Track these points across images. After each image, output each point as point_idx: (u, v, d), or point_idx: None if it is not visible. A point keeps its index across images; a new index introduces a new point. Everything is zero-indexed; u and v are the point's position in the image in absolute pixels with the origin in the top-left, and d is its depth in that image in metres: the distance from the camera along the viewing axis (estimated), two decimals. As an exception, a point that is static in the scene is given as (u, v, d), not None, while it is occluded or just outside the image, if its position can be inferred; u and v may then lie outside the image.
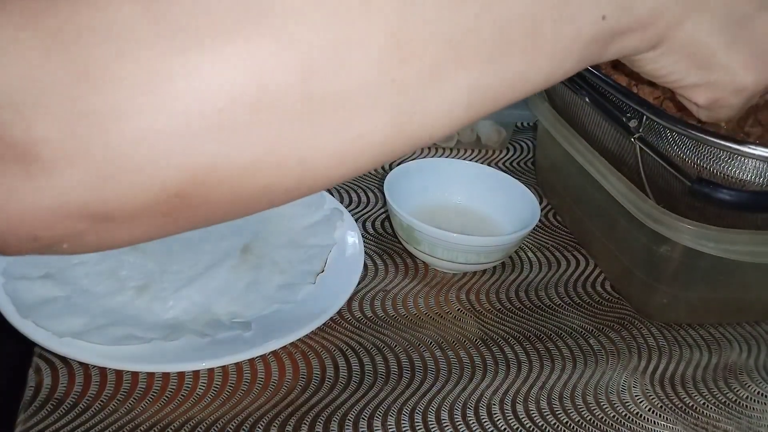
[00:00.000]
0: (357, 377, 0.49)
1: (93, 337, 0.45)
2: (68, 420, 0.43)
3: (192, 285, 0.52)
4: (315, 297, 0.54)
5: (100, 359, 0.45)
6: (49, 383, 0.45)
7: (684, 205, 0.52)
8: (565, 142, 0.65)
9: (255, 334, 0.49)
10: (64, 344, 0.45)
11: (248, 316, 0.51)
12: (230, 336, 0.48)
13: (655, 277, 0.57)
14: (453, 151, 0.84)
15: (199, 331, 0.48)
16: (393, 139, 0.24)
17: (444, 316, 0.57)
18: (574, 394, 0.51)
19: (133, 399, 0.45)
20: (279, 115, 0.22)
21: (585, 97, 0.58)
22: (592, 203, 0.65)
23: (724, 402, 0.52)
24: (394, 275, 0.61)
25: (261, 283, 0.54)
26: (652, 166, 0.53)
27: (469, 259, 0.59)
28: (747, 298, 0.60)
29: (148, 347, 0.46)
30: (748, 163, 0.47)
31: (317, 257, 0.58)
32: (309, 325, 0.50)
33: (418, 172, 0.67)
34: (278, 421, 0.45)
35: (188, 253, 0.55)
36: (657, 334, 0.58)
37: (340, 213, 0.62)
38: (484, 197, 0.68)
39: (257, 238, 0.59)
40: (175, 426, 0.44)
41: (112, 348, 0.45)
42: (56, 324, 0.46)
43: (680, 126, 0.48)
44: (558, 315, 0.59)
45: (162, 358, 0.46)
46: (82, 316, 0.47)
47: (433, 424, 0.47)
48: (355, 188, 0.74)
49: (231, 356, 0.47)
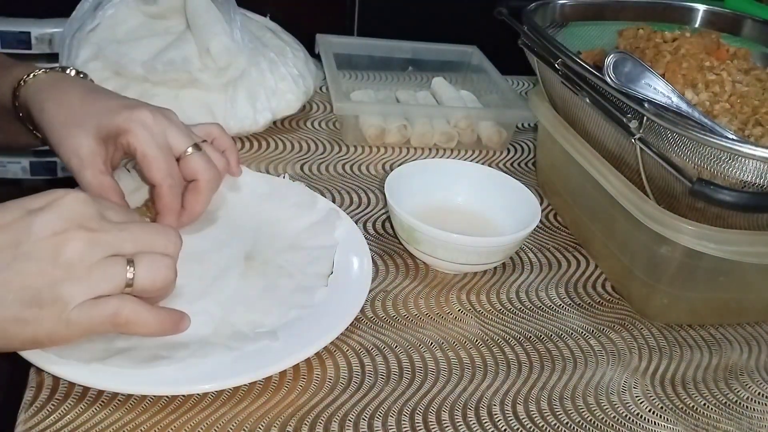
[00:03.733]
0: (357, 378, 0.50)
1: (119, 362, 0.44)
2: (68, 420, 0.43)
3: (205, 297, 0.51)
4: (331, 299, 0.54)
5: (138, 387, 0.44)
6: (50, 383, 0.45)
7: (684, 206, 0.52)
8: (566, 142, 0.65)
9: (283, 344, 0.48)
10: (98, 376, 0.43)
11: (269, 324, 0.50)
12: (258, 348, 0.48)
13: (656, 278, 0.57)
14: (454, 152, 0.84)
15: (225, 345, 0.47)
16: None
17: (444, 317, 0.57)
18: (575, 395, 0.51)
19: (134, 400, 0.45)
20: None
21: (585, 98, 0.58)
22: (593, 204, 0.65)
23: (725, 403, 0.52)
24: (394, 276, 0.61)
25: (273, 288, 0.54)
26: (652, 166, 0.53)
27: (469, 259, 0.59)
28: (747, 299, 0.60)
29: (180, 367, 0.45)
30: (748, 163, 0.47)
31: (323, 259, 0.58)
32: (335, 329, 0.50)
33: (418, 172, 0.67)
34: (279, 422, 0.45)
35: (193, 265, 0.54)
36: (657, 335, 0.58)
37: (337, 212, 0.62)
38: (484, 198, 0.68)
39: (258, 244, 0.58)
40: (175, 427, 0.44)
41: (143, 372, 0.44)
42: (77, 352, 0.44)
43: (681, 127, 0.48)
44: (558, 315, 0.59)
45: (198, 379, 0.45)
46: (99, 341, 0.46)
47: (434, 424, 0.47)
48: (356, 189, 0.74)
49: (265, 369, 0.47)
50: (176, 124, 0.55)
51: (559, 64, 0.62)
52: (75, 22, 0.80)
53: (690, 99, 0.58)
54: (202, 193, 0.55)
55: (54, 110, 0.53)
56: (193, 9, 0.77)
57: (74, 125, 0.52)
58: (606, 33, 0.75)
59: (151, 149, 0.52)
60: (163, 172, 0.52)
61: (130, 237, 0.42)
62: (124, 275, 0.40)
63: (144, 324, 0.42)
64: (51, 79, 0.56)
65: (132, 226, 0.43)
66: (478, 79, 0.98)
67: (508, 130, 0.85)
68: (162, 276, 0.42)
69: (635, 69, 0.53)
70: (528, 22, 0.67)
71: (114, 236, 0.41)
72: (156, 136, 0.52)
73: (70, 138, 0.52)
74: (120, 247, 0.41)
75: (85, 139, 0.51)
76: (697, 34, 0.69)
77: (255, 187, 0.64)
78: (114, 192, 0.52)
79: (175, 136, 0.54)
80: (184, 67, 0.74)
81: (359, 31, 1.71)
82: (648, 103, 0.51)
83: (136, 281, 0.41)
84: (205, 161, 0.55)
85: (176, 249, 0.44)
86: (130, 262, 0.41)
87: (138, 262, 0.41)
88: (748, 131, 0.56)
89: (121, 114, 0.52)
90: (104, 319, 0.40)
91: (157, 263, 0.42)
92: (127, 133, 0.52)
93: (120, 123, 0.52)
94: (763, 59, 0.71)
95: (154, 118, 0.53)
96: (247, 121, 0.78)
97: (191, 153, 0.54)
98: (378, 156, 0.81)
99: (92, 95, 0.55)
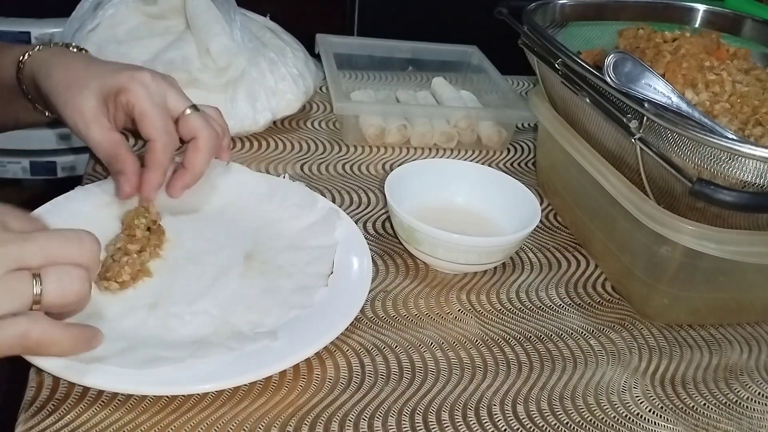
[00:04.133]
0: (357, 378, 0.49)
1: (120, 362, 0.44)
2: (68, 420, 0.43)
3: (204, 298, 0.51)
4: (331, 299, 0.53)
5: (137, 387, 0.44)
6: (50, 383, 0.45)
7: (684, 206, 0.52)
8: (566, 142, 0.65)
9: (283, 344, 0.48)
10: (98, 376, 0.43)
11: (269, 324, 0.50)
12: (258, 348, 0.48)
13: (656, 278, 0.57)
14: (454, 152, 0.84)
15: (225, 345, 0.47)
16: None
17: (444, 317, 0.57)
18: (575, 395, 0.51)
19: (134, 400, 0.45)
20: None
21: (585, 98, 0.58)
22: (593, 204, 0.65)
23: (725, 403, 0.52)
24: (394, 276, 0.61)
25: (272, 288, 0.54)
26: (652, 166, 0.53)
27: (469, 259, 0.59)
28: (747, 299, 0.60)
29: (180, 367, 0.45)
30: (748, 163, 0.47)
31: (323, 258, 0.58)
32: (335, 329, 0.50)
33: (418, 172, 0.67)
34: (279, 422, 0.45)
35: (191, 266, 0.54)
36: (657, 335, 0.58)
37: (337, 212, 0.62)
38: (484, 198, 0.68)
39: (257, 244, 0.58)
40: (175, 427, 0.44)
41: (143, 372, 0.44)
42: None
43: (681, 127, 0.48)
44: (558, 315, 0.59)
45: (198, 378, 0.45)
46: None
47: (434, 424, 0.47)
48: (356, 189, 0.74)
49: (265, 369, 0.47)
50: (176, 88, 0.57)
51: (559, 64, 0.62)
52: (75, 22, 0.80)
53: (690, 99, 0.58)
54: (202, 150, 0.56)
55: (61, 74, 0.55)
56: (192, 9, 0.77)
57: (78, 86, 0.54)
58: (606, 33, 0.75)
59: (148, 106, 0.53)
60: (158, 128, 0.53)
61: (36, 247, 0.38)
62: (30, 291, 0.37)
63: (57, 345, 0.39)
64: (56, 50, 0.59)
65: (38, 234, 0.39)
66: (478, 79, 0.98)
67: (508, 130, 0.85)
68: (74, 290, 0.39)
69: (635, 69, 0.53)
70: (528, 22, 0.67)
71: (17, 247, 0.37)
72: (154, 95, 0.54)
73: (73, 98, 0.53)
74: (25, 259, 0.37)
75: (87, 99, 0.53)
76: (697, 34, 0.69)
77: (255, 187, 0.64)
78: (123, 146, 0.54)
79: (174, 97, 0.56)
80: (184, 67, 0.74)
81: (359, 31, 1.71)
82: (648, 103, 0.51)
83: (44, 297, 0.37)
84: (204, 120, 0.56)
85: (91, 256, 0.40)
86: (36, 276, 0.37)
87: (45, 275, 0.38)
88: (748, 131, 0.56)
89: (123, 73, 0.54)
90: (12, 341, 0.37)
91: (68, 276, 0.38)
92: (126, 91, 0.53)
93: (121, 81, 0.53)
94: (763, 59, 0.71)
95: (153, 79, 0.55)
96: (247, 121, 0.78)
97: (190, 113, 0.56)
98: (378, 156, 0.81)
99: (97, 61, 0.58)
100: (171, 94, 0.55)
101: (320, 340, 0.49)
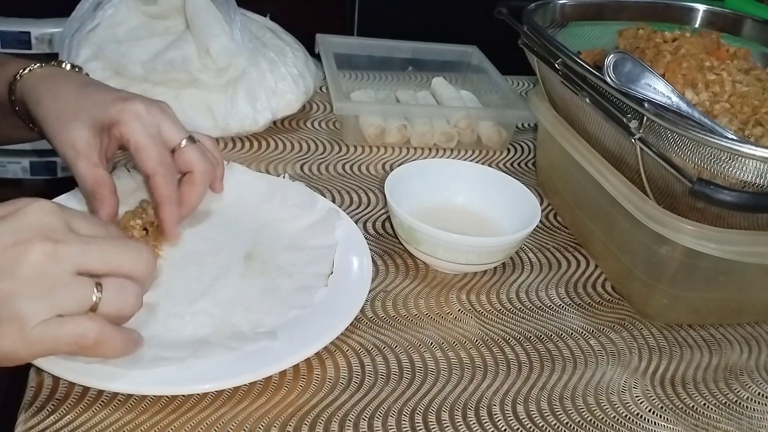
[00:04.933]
0: (357, 378, 0.49)
1: (119, 362, 0.44)
2: (68, 420, 0.43)
3: (204, 298, 0.51)
4: (331, 299, 0.53)
5: (137, 387, 0.44)
6: (50, 384, 0.45)
7: (684, 206, 0.52)
8: (566, 142, 0.65)
9: (283, 344, 0.48)
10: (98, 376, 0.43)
11: (269, 324, 0.50)
12: (258, 348, 0.48)
13: (656, 278, 0.57)
14: (454, 152, 0.84)
15: (225, 345, 0.47)
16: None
17: (444, 317, 0.57)
18: (575, 395, 0.51)
19: (134, 400, 0.45)
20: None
21: (585, 98, 0.58)
22: (593, 204, 0.65)
23: (725, 403, 0.52)
24: (394, 276, 0.61)
25: (273, 288, 0.54)
26: (652, 166, 0.53)
27: (469, 259, 0.59)
28: (747, 299, 0.60)
29: (180, 367, 0.45)
30: (748, 163, 0.47)
31: (323, 258, 0.58)
32: (335, 329, 0.50)
33: (418, 172, 0.67)
34: (279, 422, 0.45)
35: (191, 267, 0.54)
36: (657, 335, 0.58)
37: (337, 212, 0.62)
38: (484, 198, 0.68)
39: (258, 244, 0.58)
40: (175, 427, 0.44)
41: (143, 372, 0.44)
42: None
43: (681, 127, 0.48)
44: (558, 315, 0.59)
45: (198, 378, 0.45)
46: None
47: (434, 424, 0.47)
48: (356, 189, 0.74)
49: (265, 369, 0.47)
50: (170, 117, 0.55)
51: (559, 64, 0.62)
52: (75, 22, 0.80)
53: (690, 99, 0.58)
54: (198, 184, 0.55)
55: (50, 103, 0.53)
56: (192, 9, 0.77)
57: (70, 118, 0.52)
58: (606, 33, 0.75)
59: (142, 139, 0.52)
60: (154, 161, 0.52)
61: (98, 251, 0.39)
62: (91, 298, 0.38)
63: (111, 346, 0.40)
64: (47, 74, 0.56)
65: (101, 241, 0.40)
66: (478, 79, 0.98)
67: (508, 130, 0.85)
68: (129, 303, 0.40)
69: (635, 69, 0.53)
70: (528, 22, 0.67)
71: (80, 249, 0.38)
72: (148, 127, 0.52)
73: (65, 131, 0.52)
74: (86, 263, 0.38)
75: (79, 132, 0.52)
76: (697, 34, 0.69)
77: (255, 187, 0.64)
78: (106, 185, 0.52)
79: (169, 128, 0.54)
80: (184, 67, 0.74)
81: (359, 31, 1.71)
82: (648, 103, 0.51)
83: (102, 306, 0.39)
84: (200, 153, 0.55)
85: (147, 267, 0.41)
86: (97, 285, 0.39)
87: (106, 286, 0.39)
88: (748, 131, 0.56)
89: (115, 105, 0.52)
90: (71, 339, 0.38)
91: (125, 290, 0.40)
92: (120, 124, 0.52)
93: (114, 114, 0.52)
94: (763, 59, 0.71)
95: (147, 110, 0.53)
96: (247, 121, 0.78)
97: (186, 145, 0.54)
98: (378, 156, 0.81)
99: (88, 88, 0.55)
100: (166, 125, 0.54)
101: (320, 340, 0.49)
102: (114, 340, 0.40)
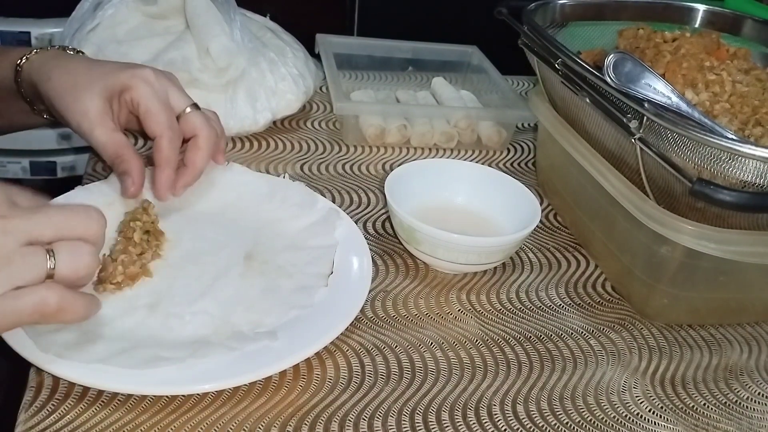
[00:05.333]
0: (357, 378, 0.50)
1: (122, 362, 0.44)
2: (68, 420, 0.43)
3: (204, 297, 0.51)
4: (331, 299, 0.53)
5: (137, 387, 0.44)
6: (50, 383, 0.45)
7: (684, 206, 0.52)
8: (566, 142, 0.65)
9: (283, 344, 0.48)
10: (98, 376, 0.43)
11: (269, 324, 0.50)
12: (258, 348, 0.48)
13: (656, 278, 0.57)
14: (454, 152, 0.84)
15: (225, 345, 0.47)
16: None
17: (444, 317, 0.57)
18: (575, 395, 0.51)
19: (134, 400, 0.45)
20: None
21: (585, 98, 0.58)
22: (593, 204, 0.65)
23: (725, 403, 0.52)
24: (394, 276, 0.61)
25: (273, 288, 0.54)
26: (652, 166, 0.53)
27: (469, 259, 0.59)
28: (747, 299, 0.60)
29: (180, 367, 0.45)
30: (748, 163, 0.47)
31: (323, 259, 0.58)
32: (335, 329, 0.50)
33: (418, 172, 0.67)
34: (279, 422, 0.45)
35: (191, 266, 0.54)
36: (657, 335, 0.58)
37: (337, 212, 0.62)
38: (484, 198, 0.68)
39: (258, 244, 0.58)
40: (175, 427, 0.44)
41: (143, 372, 0.44)
42: (77, 352, 0.44)
43: (681, 127, 0.48)
44: (558, 315, 0.59)
45: (198, 378, 0.45)
46: (100, 342, 0.45)
47: (434, 424, 0.47)
48: (356, 189, 0.74)
49: (265, 369, 0.47)
50: (177, 85, 0.58)
51: (559, 64, 0.62)
52: (75, 22, 0.80)
53: (690, 99, 0.58)
54: (202, 148, 0.57)
55: (62, 77, 0.56)
56: (192, 9, 0.77)
57: (81, 89, 0.54)
58: (606, 33, 0.75)
59: (152, 103, 0.55)
60: (163, 124, 0.54)
61: (46, 220, 0.39)
62: (45, 265, 0.38)
63: (74, 311, 0.40)
64: (54, 53, 0.60)
65: (47, 209, 0.40)
66: (478, 79, 0.98)
67: (508, 130, 0.85)
68: (84, 264, 0.40)
69: (635, 69, 0.53)
70: (528, 22, 0.67)
71: (27, 220, 0.39)
72: (158, 92, 0.55)
73: (78, 102, 0.54)
74: (36, 233, 0.39)
75: (91, 101, 0.54)
76: (697, 34, 0.69)
77: (255, 187, 0.64)
78: (128, 146, 0.55)
79: (176, 94, 0.57)
80: (184, 67, 0.74)
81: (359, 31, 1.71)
82: (648, 103, 0.51)
83: (57, 271, 0.39)
84: (204, 118, 0.57)
85: (98, 230, 0.41)
86: (49, 252, 0.39)
87: (58, 250, 0.39)
88: (748, 131, 0.56)
89: (126, 72, 0.55)
90: (32, 309, 0.38)
91: (79, 250, 0.40)
92: (130, 89, 0.55)
93: (125, 80, 0.55)
94: (763, 59, 0.71)
95: (156, 77, 0.56)
96: (247, 121, 0.78)
97: (190, 111, 0.57)
98: (378, 156, 0.81)
99: (97, 62, 0.59)
100: (173, 92, 0.57)
101: (320, 340, 0.49)
102: (74, 304, 0.40)
